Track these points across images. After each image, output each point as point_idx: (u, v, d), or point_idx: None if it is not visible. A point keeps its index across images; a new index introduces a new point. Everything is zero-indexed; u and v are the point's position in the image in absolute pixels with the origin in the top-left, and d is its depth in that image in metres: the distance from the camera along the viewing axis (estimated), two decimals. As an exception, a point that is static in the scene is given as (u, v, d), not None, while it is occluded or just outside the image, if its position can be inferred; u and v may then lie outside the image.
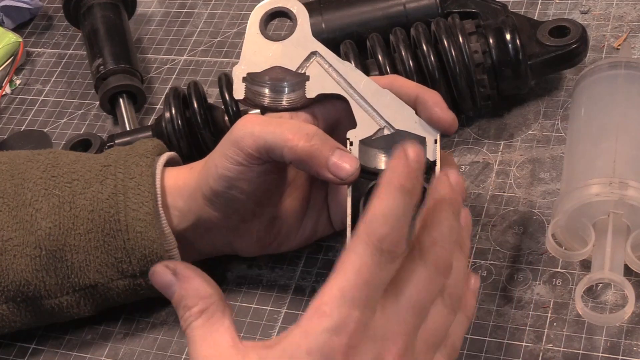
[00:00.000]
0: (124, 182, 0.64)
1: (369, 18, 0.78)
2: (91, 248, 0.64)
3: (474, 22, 0.73)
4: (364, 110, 0.60)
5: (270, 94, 0.63)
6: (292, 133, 0.59)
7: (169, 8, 0.96)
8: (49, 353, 0.69)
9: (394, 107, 0.60)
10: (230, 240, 0.67)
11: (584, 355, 0.60)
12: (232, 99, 0.73)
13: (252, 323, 0.67)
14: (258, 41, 0.63)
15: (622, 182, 0.59)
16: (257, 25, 0.64)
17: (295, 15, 0.64)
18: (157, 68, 0.90)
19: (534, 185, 0.70)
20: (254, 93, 0.63)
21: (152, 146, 0.67)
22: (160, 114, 0.75)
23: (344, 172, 0.58)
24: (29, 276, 0.64)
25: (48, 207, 0.64)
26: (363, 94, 0.61)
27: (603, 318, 0.59)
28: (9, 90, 0.91)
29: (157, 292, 0.65)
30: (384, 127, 0.60)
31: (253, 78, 0.63)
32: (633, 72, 0.67)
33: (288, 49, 0.63)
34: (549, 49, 0.72)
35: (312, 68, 0.62)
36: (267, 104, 0.63)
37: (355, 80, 0.61)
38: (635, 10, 0.80)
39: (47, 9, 1.00)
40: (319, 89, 0.62)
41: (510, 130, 0.74)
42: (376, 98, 0.60)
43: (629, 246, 0.59)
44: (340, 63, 0.62)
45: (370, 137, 0.60)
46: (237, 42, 0.89)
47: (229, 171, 0.61)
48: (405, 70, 0.71)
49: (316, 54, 0.63)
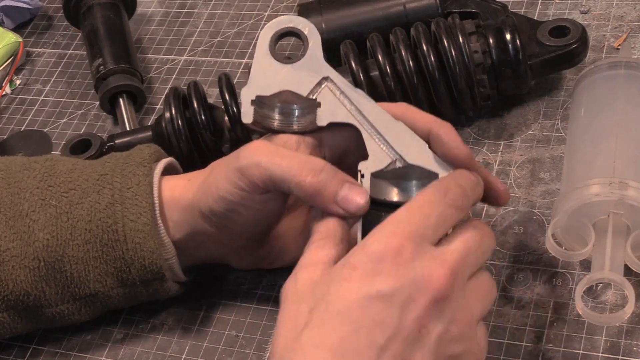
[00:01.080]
0: (122, 192, 0.64)
1: (369, 18, 0.78)
2: (90, 258, 0.64)
3: (474, 22, 0.73)
4: (376, 142, 0.59)
5: (280, 117, 0.61)
6: (300, 168, 0.58)
7: (169, 8, 0.96)
8: (49, 353, 0.69)
9: (406, 140, 0.58)
10: (224, 253, 0.67)
11: (584, 355, 0.60)
12: (232, 98, 0.73)
13: (252, 323, 0.67)
14: (267, 63, 0.61)
15: (622, 182, 0.59)
16: (266, 46, 0.62)
17: (306, 37, 0.62)
18: (157, 68, 0.90)
19: (534, 185, 0.70)
20: (262, 116, 0.61)
21: (149, 153, 0.66)
22: (160, 114, 0.75)
23: (353, 206, 0.57)
24: (28, 287, 0.64)
25: (45, 218, 0.64)
26: (375, 124, 0.59)
27: (603, 318, 0.59)
28: (9, 90, 0.91)
29: (158, 296, 0.65)
30: (396, 160, 0.58)
31: (262, 101, 0.61)
32: (633, 72, 0.67)
33: (299, 73, 0.61)
34: (549, 49, 0.72)
35: (324, 94, 0.61)
36: (276, 127, 0.61)
37: (367, 110, 0.60)
38: (635, 10, 0.80)
39: (47, 9, 1.00)
40: (330, 117, 0.60)
41: (510, 130, 0.74)
42: (389, 129, 0.59)
43: (629, 246, 0.59)
44: (352, 90, 0.60)
45: (382, 169, 0.58)
46: (237, 42, 0.89)
47: (231, 195, 0.60)
48: (405, 70, 0.71)
49: (328, 79, 0.61)
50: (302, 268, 0.54)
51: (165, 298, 0.67)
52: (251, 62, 0.84)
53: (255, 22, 0.91)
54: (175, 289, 0.66)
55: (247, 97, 0.61)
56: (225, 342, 0.66)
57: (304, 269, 0.54)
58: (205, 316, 0.68)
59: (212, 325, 0.68)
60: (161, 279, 0.64)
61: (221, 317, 0.68)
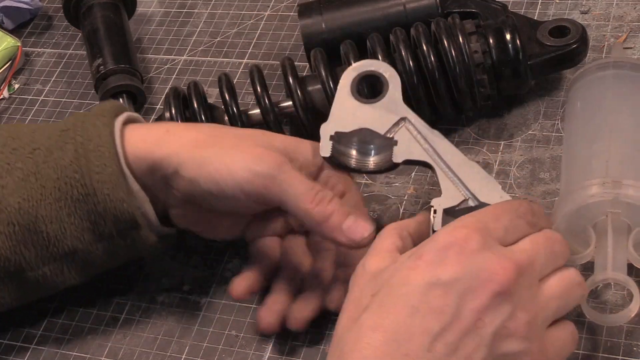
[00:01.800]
0: (84, 145, 0.63)
1: (369, 18, 0.78)
2: (64, 216, 0.63)
3: (474, 22, 0.73)
4: (450, 180, 0.61)
5: (357, 156, 0.64)
6: (310, 196, 0.60)
7: (169, 8, 0.96)
8: (49, 353, 0.69)
9: (479, 180, 0.60)
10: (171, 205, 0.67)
11: (584, 355, 0.60)
12: (232, 98, 0.73)
13: (252, 323, 0.67)
14: (348, 102, 0.64)
15: (616, 181, 0.59)
16: (348, 86, 0.65)
17: (387, 80, 0.65)
18: (157, 68, 0.90)
19: (534, 185, 0.70)
20: (340, 153, 0.64)
21: (110, 106, 0.66)
22: (160, 114, 0.75)
23: (358, 236, 0.60)
24: (7, 252, 0.64)
25: (13, 182, 0.64)
26: (450, 163, 0.61)
27: (610, 318, 0.59)
28: (6, 94, 0.91)
29: (138, 250, 0.65)
30: (469, 199, 0.60)
31: (340, 138, 0.64)
32: (621, 72, 0.67)
33: (378, 112, 0.63)
34: (549, 49, 0.72)
35: (401, 133, 0.63)
36: (353, 165, 0.64)
37: (443, 150, 0.62)
38: (635, 10, 0.80)
39: (47, 9, 1.00)
40: (406, 155, 0.62)
41: (510, 130, 0.74)
42: (463, 169, 0.61)
43: (630, 244, 0.59)
44: (428, 131, 0.62)
45: (454, 207, 0.60)
46: (237, 42, 0.89)
47: (228, 187, 0.61)
48: (405, 70, 0.71)
49: (405, 120, 0.63)
50: (370, 256, 0.56)
51: (148, 253, 0.67)
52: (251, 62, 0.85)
53: (255, 22, 0.91)
54: (153, 238, 0.65)
55: (326, 133, 0.64)
56: (225, 342, 0.66)
57: (371, 257, 0.56)
58: (205, 316, 0.68)
59: (212, 325, 0.68)
60: (136, 227, 0.64)
61: (221, 317, 0.68)
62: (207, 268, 0.71)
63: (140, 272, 0.72)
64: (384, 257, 0.55)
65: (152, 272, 0.72)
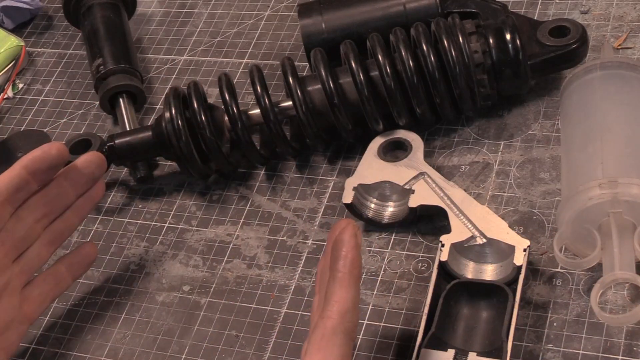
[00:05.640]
0: None
1: (369, 18, 0.78)
2: None
3: (474, 22, 0.73)
4: (461, 220, 0.66)
5: (375, 208, 0.70)
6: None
7: (169, 8, 0.96)
8: (49, 353, 0.69)
9: (487, 220, 0.65)
10: None
11: (584, 355, 0.60)
12: (232, 99, 0.73)
13: (252, 323, 0.67)
14: (374, 161, 0.72)
15: (611, 181, 0.59)
16: (375, 149, 0.72)
17: (410, 145, 0.72)
18: (157, 68, 0.90)
19: (534, 185, 0.70)
20: (360, 203, 0.70)
21: None
22: (160, 114, 0.75)
23: None
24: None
25: None
26: (461, 206, 0.66)
27: (621, 319, 0.59)
28: (11, 93, 0.91)
29: None
30: (477, 237, 0.64)
31: (362, 189, 0.70)
32: (609, 72, 0.67)
33: (400, 169, 0.70)
34: (549, 49, 0.72)
35: (419, 184, 0.69)
36: (370, 216, 0.70)
37: (456, 197, 0.67)
38: (635, 10, 0.80)
39: (47, 9, 1.00)
40: (421, 200, 0.68)
41: (510, 130, 0.74)
42: (472, 211, 0.66)
43: (636, 242, 0.58)
44: (445, 182, 0.68)
45: (462, 242, 0.64)
46: (237, 42, 0.89)
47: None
48: (405, 70, 0.71)
49: (425, 174, 0.69)
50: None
51: None
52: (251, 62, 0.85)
53: (255, 22, 0.91)
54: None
55: (351, 184, 0.70)
56: (225, 342, 0.66)
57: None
58: (205, 316, 0.68)
59: (212, 325, 0.68)
60: None
61: (221, 317, 0.68)
62: (207, 268, 0.71)
63: (140, 272, 0.72)
64: None
65: (152, 272, 0.72)
